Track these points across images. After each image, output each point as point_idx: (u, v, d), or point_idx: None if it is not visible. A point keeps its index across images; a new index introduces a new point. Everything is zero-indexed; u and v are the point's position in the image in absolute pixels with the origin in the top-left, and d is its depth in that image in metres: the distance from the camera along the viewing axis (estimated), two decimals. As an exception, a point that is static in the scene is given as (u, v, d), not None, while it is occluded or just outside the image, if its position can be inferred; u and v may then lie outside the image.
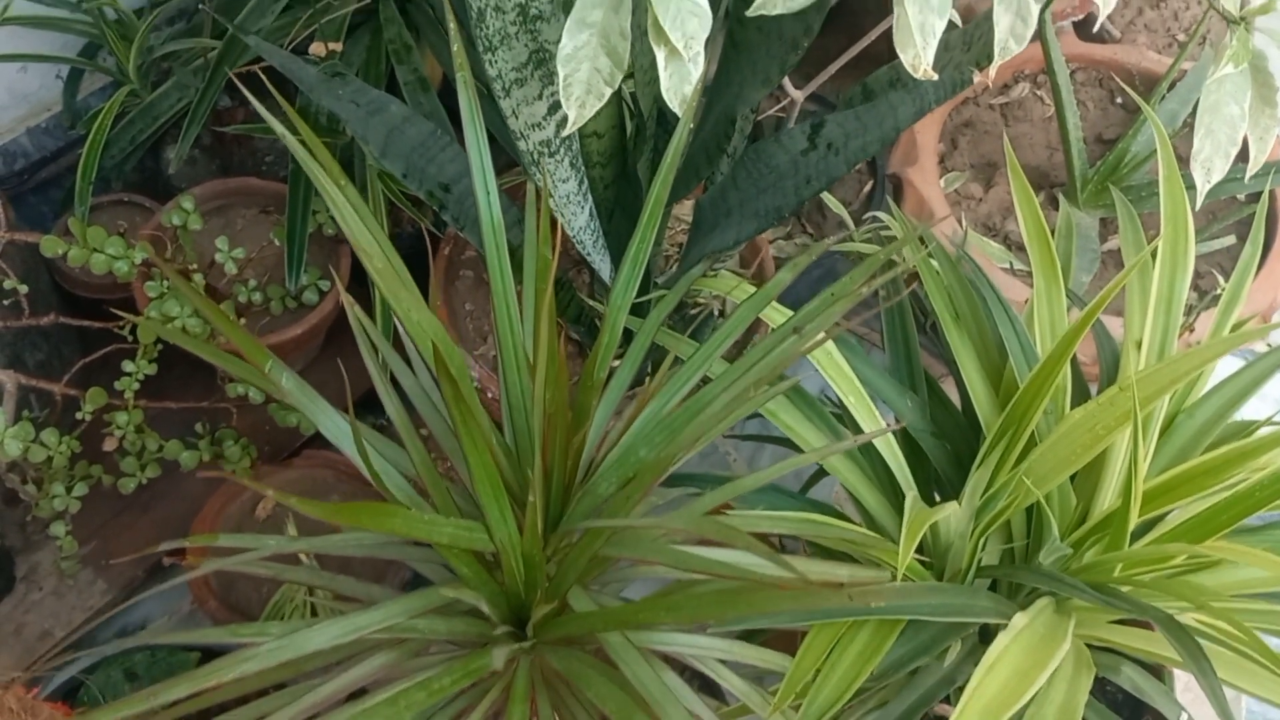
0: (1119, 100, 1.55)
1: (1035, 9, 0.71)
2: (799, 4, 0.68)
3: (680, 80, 0.69)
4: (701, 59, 0.69)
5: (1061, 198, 1.41)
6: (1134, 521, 0.82)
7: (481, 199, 0.79)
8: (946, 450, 1.03)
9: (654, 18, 0.67)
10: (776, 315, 0.88)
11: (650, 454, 0.71)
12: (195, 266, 1.06)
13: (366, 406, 1.27)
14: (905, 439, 1.03)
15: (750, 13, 0.70)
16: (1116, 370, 1.01)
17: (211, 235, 1.28)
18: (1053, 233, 1.42)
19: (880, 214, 1.09)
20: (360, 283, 1.25)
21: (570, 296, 1.13)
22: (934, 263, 1.05)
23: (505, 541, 0.65)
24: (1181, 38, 1.69)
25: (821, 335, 0.72)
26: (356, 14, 1.28)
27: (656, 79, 0.70)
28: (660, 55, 0.68)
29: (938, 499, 1.00)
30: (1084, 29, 1.60)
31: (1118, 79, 1.56)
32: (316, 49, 1.16)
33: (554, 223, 0.80)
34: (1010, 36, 0.72)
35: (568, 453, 0.68)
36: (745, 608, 0.63)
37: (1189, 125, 1.54)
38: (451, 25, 0.75)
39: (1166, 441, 0.95)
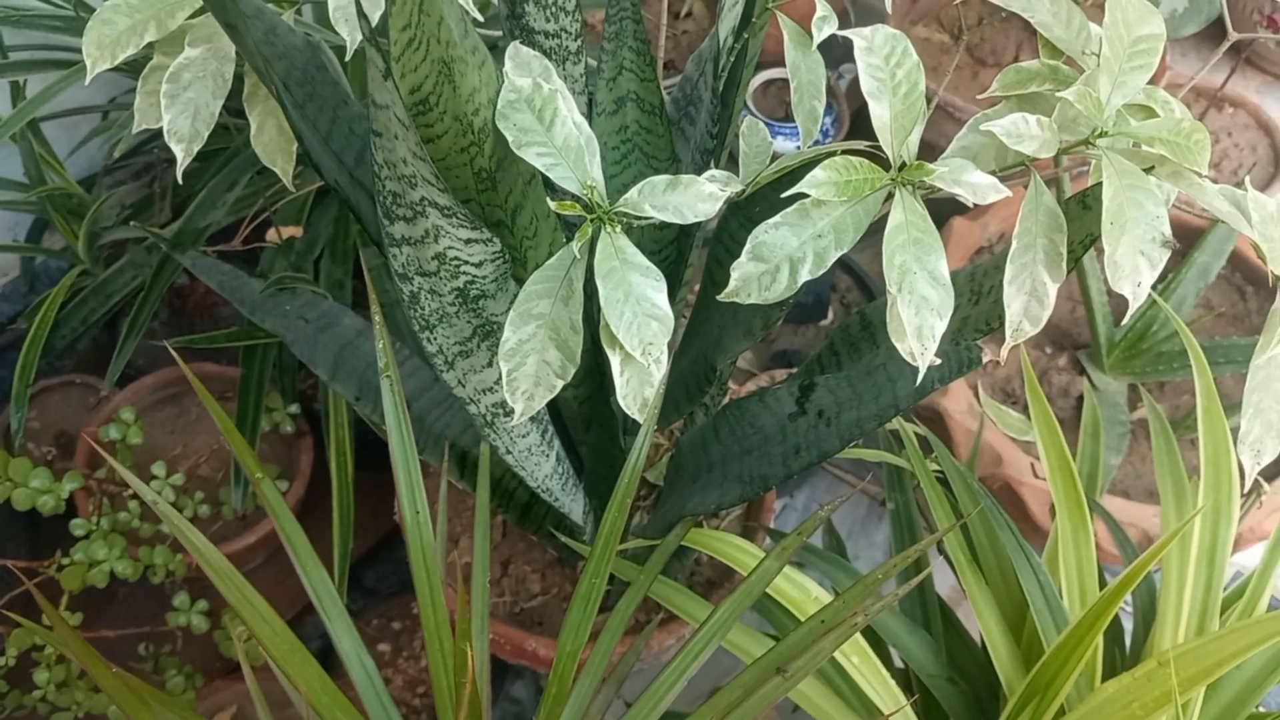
0: (1145, 246, 1.44)
1: (1052, 290, 0.61)
2: (775, 297, 0.59)
3: (640, 385, 0.59)
4: (665, 360, 0.59)
5: (1086, 364, 1.31)
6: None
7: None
8: (963, 695, 0.93)
9: (604, 324, 0.57)
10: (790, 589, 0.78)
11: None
12: (131, 493, 0.96)
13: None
14: (919, 682, 0.93)
15: (721, 298, 0.60)
16: (1153, 614, 0.90)
17: (164, 428, 1.19)
18: (1079, 402, 1.33)
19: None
20: (321, 479, 1.16)
21: (546, 511, 1.03)
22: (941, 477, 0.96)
23: None
24: (1212, 174, 1.59)
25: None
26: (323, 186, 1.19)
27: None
28: (615, 360, 0.59)
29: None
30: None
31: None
32: (272, 236, 1.07)
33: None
34: (1024, 319, 0.62)
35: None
36: None
37: (1221, 276, 1.45)
38: (376, 317, 0.66)
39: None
